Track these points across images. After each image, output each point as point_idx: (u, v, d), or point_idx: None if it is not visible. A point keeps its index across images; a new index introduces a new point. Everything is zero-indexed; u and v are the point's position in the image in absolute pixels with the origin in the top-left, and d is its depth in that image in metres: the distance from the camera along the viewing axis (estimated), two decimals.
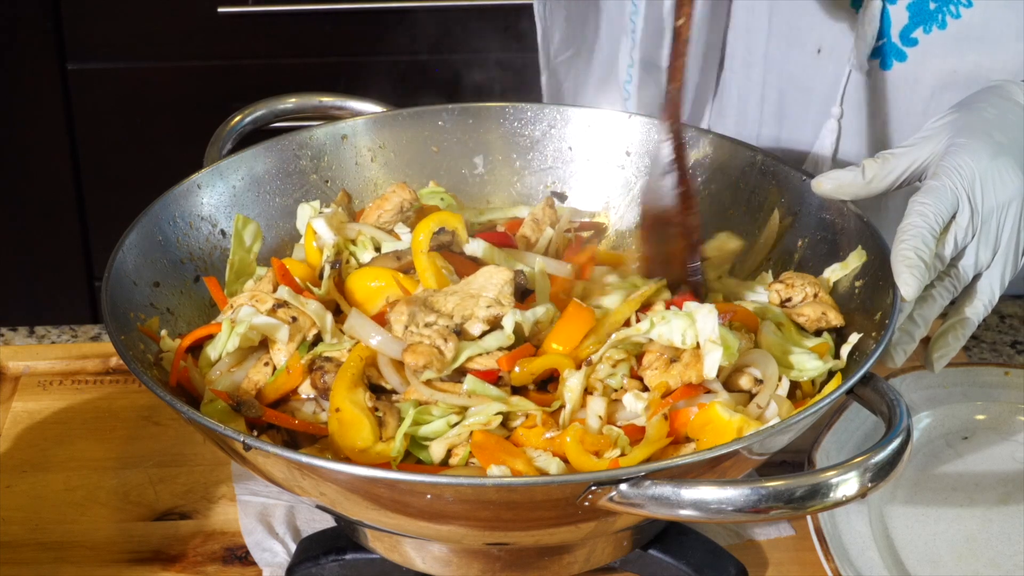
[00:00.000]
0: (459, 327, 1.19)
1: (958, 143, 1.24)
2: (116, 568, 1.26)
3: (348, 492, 1.06)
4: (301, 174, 1.43)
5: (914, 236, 1.19)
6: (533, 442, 1.13)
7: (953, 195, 1.21)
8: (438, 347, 1.16)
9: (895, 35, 1.52)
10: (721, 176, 1.42)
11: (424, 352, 1.15)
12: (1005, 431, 1.40)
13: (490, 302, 1.20)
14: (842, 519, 1.27)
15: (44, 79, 2.57)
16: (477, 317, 1.19)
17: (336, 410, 1.14)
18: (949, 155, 1.23)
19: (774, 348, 1.21)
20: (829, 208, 1.32)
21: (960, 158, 1.22)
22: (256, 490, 1.33)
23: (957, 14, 1.49)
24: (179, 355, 1.21)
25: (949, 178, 1.21)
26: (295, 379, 1.20)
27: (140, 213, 1.29)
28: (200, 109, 2.39)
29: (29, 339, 1.58)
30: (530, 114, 1.48)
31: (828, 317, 1.25)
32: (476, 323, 1.19)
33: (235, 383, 1.20)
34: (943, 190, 1.21)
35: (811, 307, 1.26)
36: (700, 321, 1.17)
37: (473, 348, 1.18)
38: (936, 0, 1.49)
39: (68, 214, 2.68)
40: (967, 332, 1.26)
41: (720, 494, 0.99)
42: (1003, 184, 1.22)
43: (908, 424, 1.05)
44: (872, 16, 1.51)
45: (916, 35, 1.51)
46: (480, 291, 1.21)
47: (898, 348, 1.21)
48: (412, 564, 1.19)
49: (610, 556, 1.21)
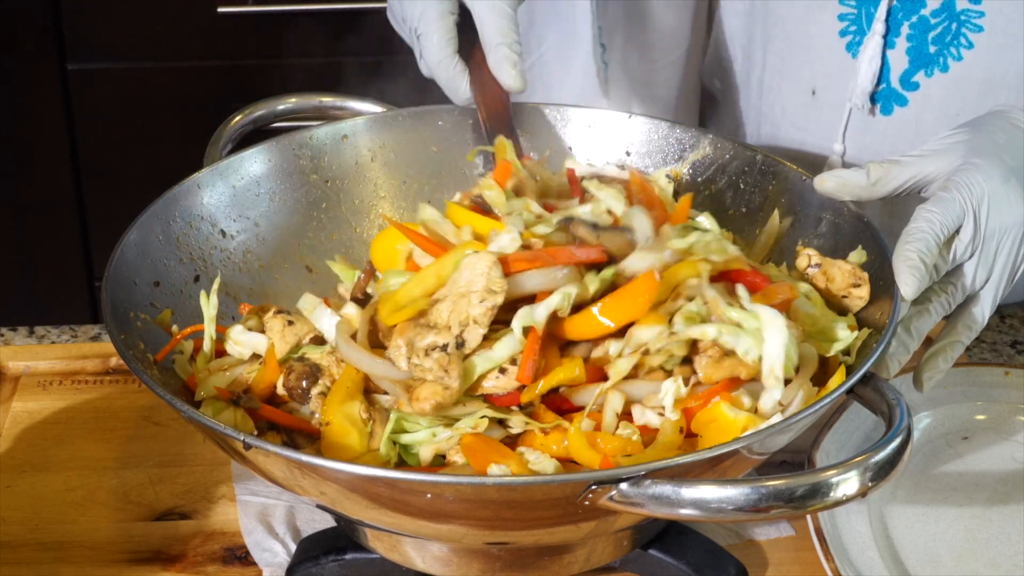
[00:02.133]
0: (461, 339, 1.13)
1: (973, 162, 1.24)
2: (116, 568, 1.26)
3: (348, 492, 1.06)
4: (301, 174, 1.43)
5: (919, 240, 1.19)
6: (532, 442, 1.13)
7: (961, 209, 1.21)
8: (441, 380, 1.11)
9: (895, 80, 1.52)
10: (721, 176, 1.42)
11: (428, 394, 1.10)
12: (1005, 431, 1.40)
13: (482, 295, 1.13)
14: (842, 519, 1.27)
15: (44, 79, 2.57)
16: (474, 320, 1.13)
17: (326, 423, 1.13)
18: (962, 172, 1.23)
19: (807, 322, 1.20)
20: (829, 208, 1.32)
21: (973, 176, 1.23)
22: (256, 490, 1.33)
23: (959, 56, 1.48)
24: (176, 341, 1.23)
25: (960, 192, 1.22)
26: (272, 373, 1.19)
27: (140, 213, 1.29)
28: (200, 109, 2.39)
29: (29, 339, 1.58)
30: (530, 114, 1.48)
31: (860, 290, 1.24)
32: (475, 328, 1.13)
33: (227, 380, 1.21)
34: (952, 203, 1.21)
35: (841, 272, 1.25)
36: (769, 344, 1.13)
37: (484, 363, 1.13)
38: (936, 43, 1.48)
39: (68, 214, 2.68)
40: (955, 355, 1.26)
41: (720, 493, 0.99)
42: (1008, 208, 1.23)
43: (908, 424, 1.05)
44: (869, 61, 1.51)
45: (917, 79, 1.51)
46: (469, 287, 1.14)
47: (893, 359, 1.21)
48: (412, 564, 1.19)
49: (610, 556, 1.21)
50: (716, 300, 1.15)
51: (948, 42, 1.48)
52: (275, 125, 1.48)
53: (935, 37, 1.49)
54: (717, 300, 1.15)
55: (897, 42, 1.51)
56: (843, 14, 1.53)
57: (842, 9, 1.53)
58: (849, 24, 1.53)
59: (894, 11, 1.50)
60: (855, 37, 1.53)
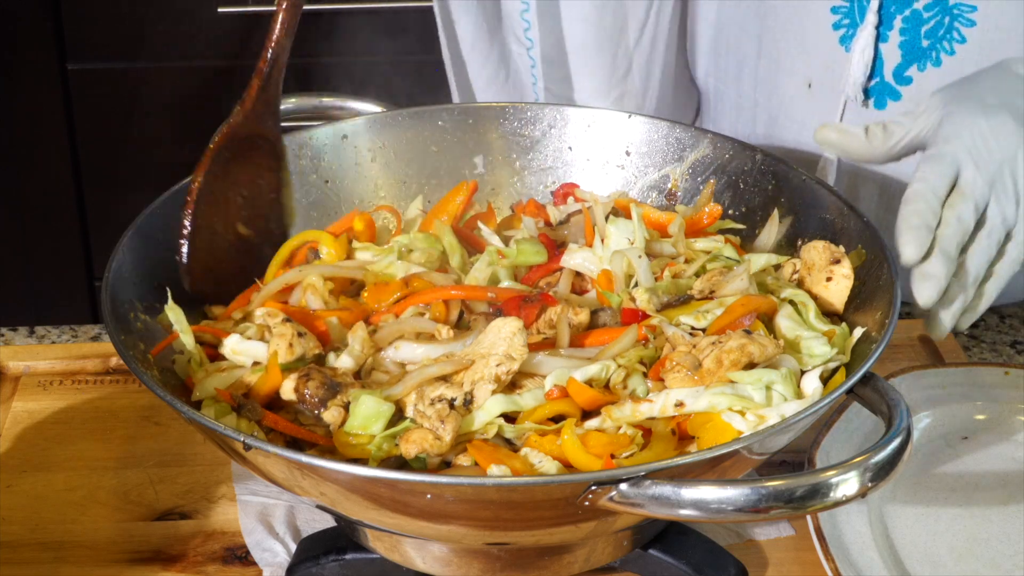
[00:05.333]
0: (470, 395, 1.14)
1: (950, 110, 1.25)
2: (116, 568, 1.26)
3: (348, 492, 1.06)
4: (301, 174, 1.43)
5: (916, 201, 1.20)
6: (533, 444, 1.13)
7: (953, 160, 1.22)
8: (435, 431, 1.12)
9: (888, 74, 1.52)
10: (721, 176, 1.42)
11: (417, 439, 1.11)
12: (1005, 431, 1.40)
13: (500, 359, 1.16)
14: (842, 519, 1.27)
15: (44, 79, 2.57)
16: (485, 378, 1.15)
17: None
18: (944, 122, 1.25)
19: (788, 334, 1.21)
20: (829, 208, 1.32)
21: (953, 124, 1.24)
22: (256, 490, 1.33)
23: (951, 50, 1.49)
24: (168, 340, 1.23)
25: (948, 144, 1.23)
26: (274, 378, 1.19)
27: (140, 213, 1.29)
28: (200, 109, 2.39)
29: (29, 339, 1.58)
30: (530, 114, 1.48)
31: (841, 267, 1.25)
32: (485, 386, 1.15)
33: (226, 381, 1.21)
34: (942, 157, 1.22)
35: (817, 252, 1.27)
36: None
37: (483, 416, 1.14)
38: (929, 37, 1.48)
39: (68, 214, 2.68)
40: (999, 286, 1.26)
41: (720, 494, 0.99)
42: (1003, 138, 1.23)
43: (908, 424, 1.05)
44: (862, 52, 1.51)
45: (910, 73, 1.52)
46: (491, 349, 1.17)
47: (944, 315, 1.22)
48: (412, 564, 1.19)
49: (610, 556, 1.21)
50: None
51: (941, 36, 1.48)
52: None
53: (928, 31, 1.49)
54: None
55: (890, 35, 1.51)
56: (836, 7, 1.54)
57: (835, 1, 1.53)
58: (842, 17, 1.53)
59: (886, 4, 1.50)
60: (848, 30, 1.53)
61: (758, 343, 1.15)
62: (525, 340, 1.16)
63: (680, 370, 1.15)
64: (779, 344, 1.17)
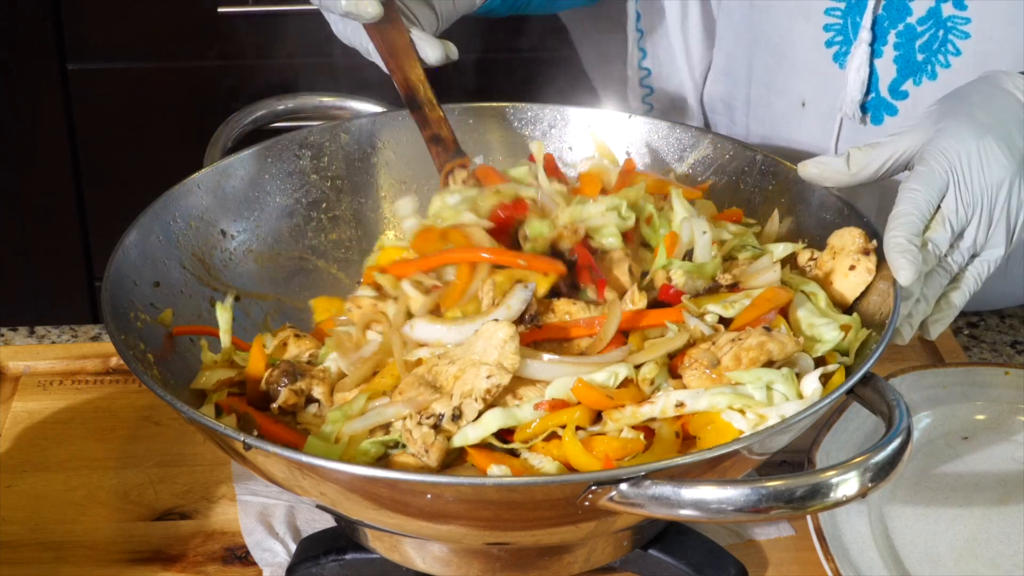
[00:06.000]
0: (459, 410, 1.11)
1: (942, 127, 1.24)
2: (116, 568, 1.26)
3: (348, 492, 1.06)
4: (301, 174, 1.43)
5: (905, 223, 1.19)
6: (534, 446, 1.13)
7: (942, 178, 1.21)
8: (419, 456, 1.10)
9: (884, 90, 1.52)
10: (721, 176, 1.42)
11: (403, 461, 1.11)
12: (1005, 431, 1.40)
13: (491, 370, 1.12)
14: (842, 519, 1.27)
15: (44, 79, 2.57)
16: (475, 394, 1.11)
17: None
18: (935, 139, 1.24)
19: (801, 324, 1.20)
20: (829, 208, 1.32)
21: (945, 141, 1.23)
22: (256, 490, 1.33)
23: (947, 63, 1.48)
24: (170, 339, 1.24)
25: (937, 162, 1.22)
26: (256, 362, 1.21)
27: (140, 213, 1.29)
28: (200, 109, 2.39)
29: (29, 339, 1.58)
30: (530, 114, 1.48)
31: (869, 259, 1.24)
32: (473, 404, 1.11)
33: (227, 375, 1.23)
34: (931, 174, 1.21)
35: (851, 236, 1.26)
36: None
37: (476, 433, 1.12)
38: (923, 50, 1.48)
39: (68, 214, 2.68)
40: (965, 297, 1.26)
41: (720, 494, 0.99)
42: (991, 165, 1.22)
43: (908, 424, 1.05)
44: (857, 70, 1.51)
45: (906, 88, 1.51)
46: (482, 356, 1.13)
47: (905, 324, 1.22)
48: (412, 564, 1.19)
49: (610, 556, 1.21)
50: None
51: (936, 49, 1.47)
52: (275, 125, 1.48)
53: (922, 45, 1.48)
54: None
55: (884, 51, 1.50)
56: (828, 24, 1.52)
57: (827, 19, 1.52)
58: (835, 34, 1.52)
59: (880, 19, 1.49)
60: (841, 47, 1.52)
61: (778, 341, 1.14)
62: (517, 347, 1.13)
63: (698, 367, 1.14)
64: (799, 341, 1.16)
